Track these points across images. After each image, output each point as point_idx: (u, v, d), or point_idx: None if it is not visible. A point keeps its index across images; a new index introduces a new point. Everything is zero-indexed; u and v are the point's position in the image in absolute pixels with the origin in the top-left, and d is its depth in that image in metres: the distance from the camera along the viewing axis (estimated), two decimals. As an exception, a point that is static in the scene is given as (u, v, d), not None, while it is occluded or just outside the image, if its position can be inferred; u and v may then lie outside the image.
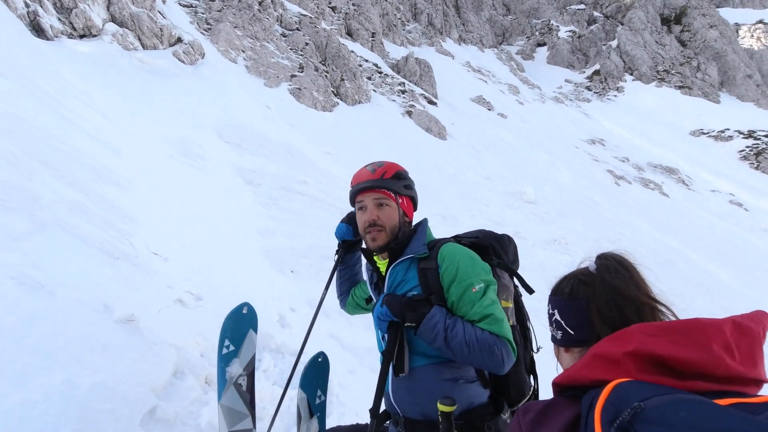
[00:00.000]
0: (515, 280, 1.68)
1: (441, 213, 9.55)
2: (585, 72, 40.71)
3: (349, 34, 21.55)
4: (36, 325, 1.98)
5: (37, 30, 8.23)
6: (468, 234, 1.73)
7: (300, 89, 13.13)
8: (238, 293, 3.46)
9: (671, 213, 17.87)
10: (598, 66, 40.23)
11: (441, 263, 1.50)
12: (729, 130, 32.76)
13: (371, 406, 1.49)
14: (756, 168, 28.82)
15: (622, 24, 42.27)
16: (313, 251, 5.61)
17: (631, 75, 39.56)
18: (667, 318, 0.92)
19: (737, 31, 43.66)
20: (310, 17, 17.68)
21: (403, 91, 17.84)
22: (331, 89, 14.46)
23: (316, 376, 2.21)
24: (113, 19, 10.02)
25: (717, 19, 42.42)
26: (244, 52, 13.35)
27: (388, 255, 1.62)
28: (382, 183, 1.59)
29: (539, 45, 43.39)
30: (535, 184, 13.58)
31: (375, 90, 16.80)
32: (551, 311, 1.02)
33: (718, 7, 47.07)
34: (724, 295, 10.34)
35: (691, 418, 0.58)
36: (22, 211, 2.80)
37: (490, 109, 22.83)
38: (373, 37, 22.34)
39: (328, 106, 13.56)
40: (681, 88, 37.91)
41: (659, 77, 38.93)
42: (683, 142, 31.51)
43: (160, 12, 11.33)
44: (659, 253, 11.76)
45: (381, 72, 18.90)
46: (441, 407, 1.31)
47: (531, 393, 1.60)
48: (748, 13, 48.18)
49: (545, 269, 8.24)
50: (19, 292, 2.10)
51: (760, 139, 31.21)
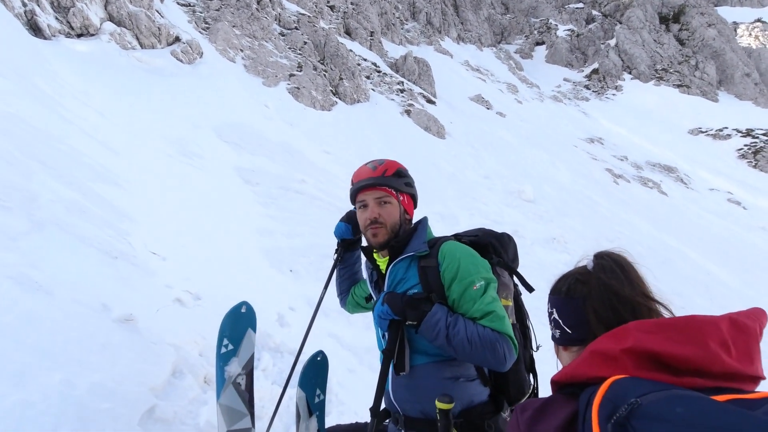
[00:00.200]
0: (515, 278, 1.68)
1: (440, 212, 9.55)
2: (583, 71, 40.71)
3: (348, 33, 21.52)
4: (34, 325, 1.98)
5: (35, 29, 8.21)
6: (468, 232, 1.73)
7: (298, 88, 13.11)
8: (236, 292, 3.45)
9: (670, 211, 17.90)
10: (596, 65, 40.24)
11: (442, 261, 1.50)
12: (727, 128, 32.80)
13: (371, 404, 1.49)
14: (754, 166, 28.87)
15: (620, 23, 42.27)
16: (312, 250, 5.61)
17: (630, 74, 39.57)
18: (665, 316, 0.92)
19: (735, 30, 43.69)
20: (308, 16, 17.65)
21: (402, 90, 17.82)
22: (330, 88, 14.44)
23: (315, 375, 2.21)
24: (111, 18, 9.99)
25: (715, 18, 42.45)
26: (242, 51, 13.33)
27: (388, 253, 1.61)
28: (383, 180, 1.58)
29: (538, 44, 43.37)
30: (534, 182, 13.58)
31: (374, 89, 16.78)
32: (550, 310, 1.02)
33: (716, 6, 47.09)
34: (722, 294, 10.37)
35: (688, 413, 0.58)
36: (20, 211, 2.80)
37: (488, 108, 22.82)
38: (372, 36, 22.30)
39: (326, 105, 13.54)
40: (679, 86, 37.94)
41: (658, 76, 38.96)
42: (682, 140, 31.55)
43: (158, 11, 11.30)
44: (658, 252, 11.78)
45: (380, 71, 18.88)
46: (439, 405, 1.32)
47: (531, 391, 1.61)
48: (746, 12, 48.24)
49: (544, 268, 8.25)
50: (17, 291, 2.10)
51: (758, 138, 31.26)
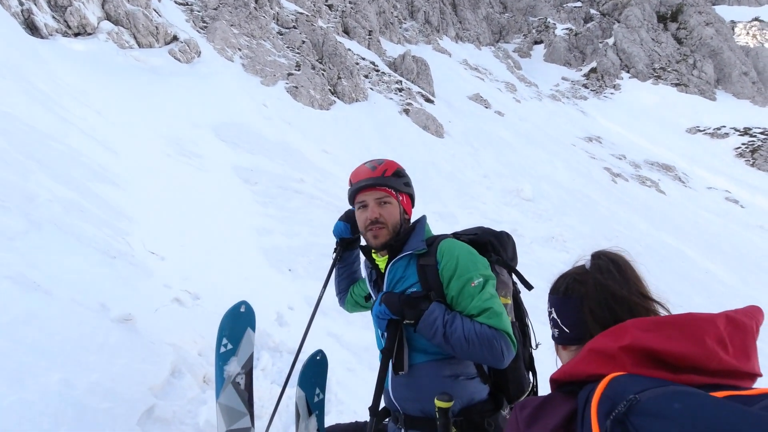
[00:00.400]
0: (514, 276, 1.68)
1: (438, 211, 9.56)
2: (582, 70, 40.75)
3: (346, 32, 21.49)
4: (32, 325, 1.97)
5: (32, 28, 8.18)
6: (467, 231, 1.73)
7: (297, 87, 13.09)
8: (235, 292, 3.45)
9: (668, 210, 17.94)
10: (594, 64, 40.28)
11: (440, 259, 1.50)
12: (725, 127, 32.88)
13: (370, 403, 1.49)
14: (752, 165, 28.96)
15: (618, 21, 42.32)
16: (311, 249, 5.61)
17: (628, 72, 39.63)
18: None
19: (733, 29, 43.77)
20: (306, 15, 17.62)
21: (401, 89, 17.80)
22: (328, 87, 14.43)
23: (314, 374, 2.21)
24: (108, 17, 9.96)
25: (713, 17, 42.52)
26: (240, 50, 13.30)
27: (387, 252, 1.61)
28: (383, 181, 1.58)
29: (536, 43, 43.39)
30: (533, 181, 13.60)
31: (372, 88, 16.77)
32: (549, 309, 1.03)
33: (713, 5, 47.16)
34: (720, 292, 10.40)
35: (685, 409, 0.59)
36: (17, 211, 2.79)
37: (487, 107, 22.83)
38: (370, 35, 22.28)
39: (325, 104, 13.53)
40: (677, 85, 38.01)
41: (656, 75, 39.02)
42: (680, 139, 31.62)
43: (155, 10, 11.27)
44: (656, 250, 11.81)
45: (378, 70, 18.86)
46: (438, 403, 1.32)
47: (530, 389, 1.61)
48: (743, 11, 48.32)
49: (543, 266, 8.26)
50: (15, 291, 2.09)
51: (755, 136, 31.34)
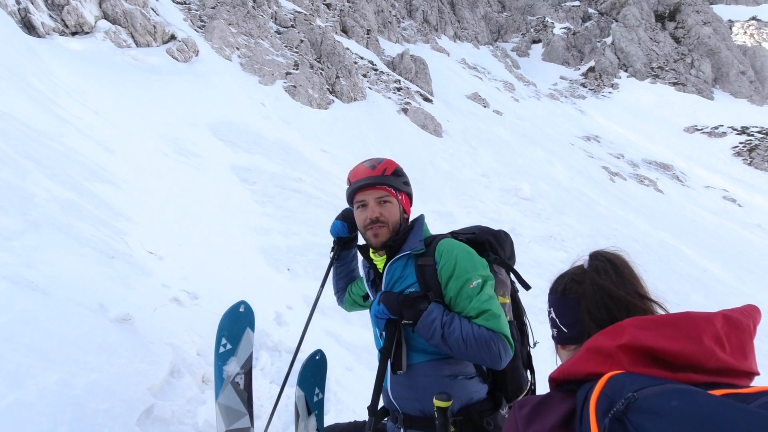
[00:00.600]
0: (512, 275, 1.68)
1: (437, 210, 9.56)
2: (580, 69, 40.82)
3: (344, 31, 21.47)
4: (31, 325, 1.96)
5: (29, 27, 8.14)
6: (465, 230, 1.72)
7: (295, 87, 13.07)
8: (234, 291, 3.44)
9: (666, 209, 17.99)
10: (592, 63, 40.36)
11: (439, 259, 1.49)
12: (722, 126, 32.98)
13: (369, 403, 1.49)
14: (749, 164, 29.07)
15: (616, 21, 42.39)
16: (310, 249, 5.60)
17: (626, 72, 39.71)
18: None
19: (731, 28, 43.89)
20: (304, 14, 17.59)
21: (399, 89, 17.80)
22: (327, 87, 14.41)
23: (313, 373, 2.21)
24: (106, 16, 9.93)
25: (710, 16, 42.63)
26: (238, 49, 13.27)
27: (385, 252, 1.61)
28: (383, 180, 1.57)
29: (534, 42, 43.44)
30: (531, 180, 13.61)
31: (370, 87, 16.76)
32: (548, 309, 1.03)
33: (711, 4, 47.26)
34: (718, 290, 10.43)
35: (683, 407, 0.59)
36: (14, 210, 2.78)
37: (485, 106, 22.84)
38: (369, 35, 22.26)
39: (323, 103, 13.51)
40: (675, 84, 38.11)
41: (653, 74, 39.11)
42: (677, 138, 31.70)
43: (153, 9, 11.23)
44: (654, 249, 11.84)
45: (376, 69, 18.85)
46: (437, 402, 1.32)
47: (528, 388, 1.61)
48: (741, 10, 48.46)
49: (541, 265, 8.28)
50: (13, 291, 2.08)
51: (753, 136, 31.45)
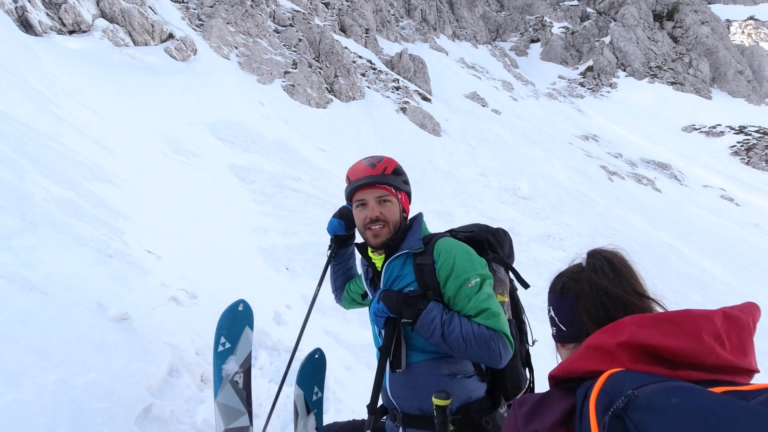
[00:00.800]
0: (510, 274, 1.68)
1: (435, 209, 9.57)
2: (578, 68, 40.85)
3: (343, 30, 21.44)
4: (29, 325, 1.96)
5: (26, 25, 8.11)
6: (463, 228, 1.72)
7: (293, 86, 13.05)
8: (232, 291, 3.44)
9: (664, 208, 18.03)
10: (591, 62, 40.38)
11: (437, 258, 1.49)
12: (720, 125, 33.06)
13: (368, 401, 1.49)
14: (747, 163, 29.15)
15: (614, 20, 42.43)
16: (308, 248, 5.60)
17: (624, 71, 39.75)
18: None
19: (728, 28, 43.97)
20: (303, 13, 17.56)
21: (397, 88, 17.79)
22: (325, 86, 14.39)
23: (312, 372, 2.21)
24: (103, 15, 9.89)
25: (708, 16, 42.69)
26: (236, 48, 13.24)
27: (383, 250, 1.61)
28: (383, 179, 1.56)
29: (533, 41, 43.46)
30: (530, 179, 13.62)
31: (369, 86, 16.74)
32: (548, 307, 1.03)
33: (709, 4, 47.35)
34: (716, 289, 10.46)
35: (683, 404, 0.59)
36: (13, 210, 2.77)
37: (484, 106, 22.84)
38: (367, 34, 22.24)
39: (321, 102, 13.49)
40: (673, 84, 38.17)
41: (652, 73, 39.16)
42: (675, 137, 31.76)
43: (150, 7, 11.19)
44: (652, 248, 11.86)
45: (375, 68, 18.83)
46: (436, 401, 1.32)
47: (527, 386, 1.61)
48: (739, 10, 48.55)
49: (540, 264, 8.29)
50: (11, 291, 2.08)
51: (750, 135, 31.53)
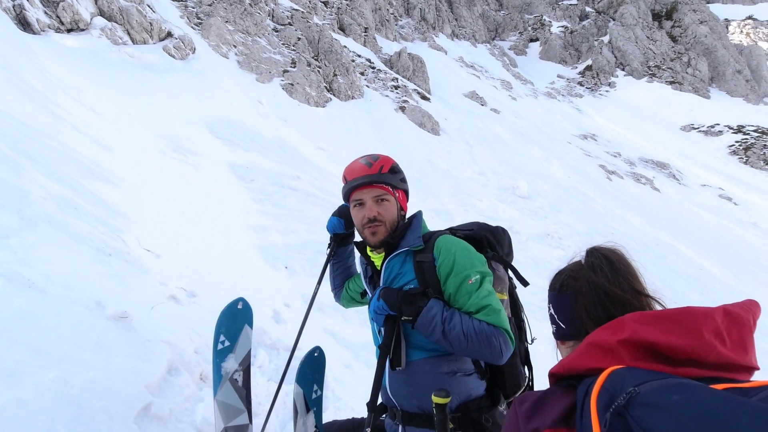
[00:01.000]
0: (510, 272, 1.68)
1: (434, 208, 9.57)
2: (577, 67, 40.89)
3: (342, 29, 21.41)
4: (27, 323, 1.95)
5: (24, 24, 8.08)
6: (463, 226, 1.73)
7: (292, 84, 13.03)
8: (231, 289, 3.44)
9: (663, 207, 18.06)
10: (590, 61, 40.41)
11: (437, 256, 1.49)
12: (719, 125, 33.12)
13: (368, 399, 1.49)
14: (745, 162, 29.22)
15: (613, 19, 42.47)
16: (307, 247, 5.59)
17: (623, 70, 39.79)
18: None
19: (727, 27, 44.07)
20: (302, 12, 17.53)
21: (396, 87, 17.77)
22: (324, 85, 14.37)
23: (312, 370, 2.21)
24: (101, 13, 9.86)
25: (707, 15, 42.75)
26: (235, 47, 13.21)
27: (383, 249, 1.61)
28: (380, 178, 1.56)
29: (532, 40, 43.49)
30: (529, 179, 13.63)
31: (368, 85, 16.72)
32: (548, 305, 1.03)
33: (708, 3, 47.39)
34: (714, 288, 10.48)
35: (684, 401, 0.59)
36: (10, 208, 2.76)
37: (483, 105, 22.84)
38: (366, 32, 22.21)
39: (320, 101, 13.48)
40: (672, 83, 38.22)
41: (650, 73, 39.21)
42: (674, 137, 31.82)
43: (149, 6, 11.16)
44: (651, 247, 11.88)
45: (374, 67, 18.81)
46: (435, 399, 1.32)
47: (526, 384, 1.62)
48: (737, 9, 48.66)
49: (538, 263, 8.30)
50: (9, 289, 2.07)
51: (749, 134, 31.60)
